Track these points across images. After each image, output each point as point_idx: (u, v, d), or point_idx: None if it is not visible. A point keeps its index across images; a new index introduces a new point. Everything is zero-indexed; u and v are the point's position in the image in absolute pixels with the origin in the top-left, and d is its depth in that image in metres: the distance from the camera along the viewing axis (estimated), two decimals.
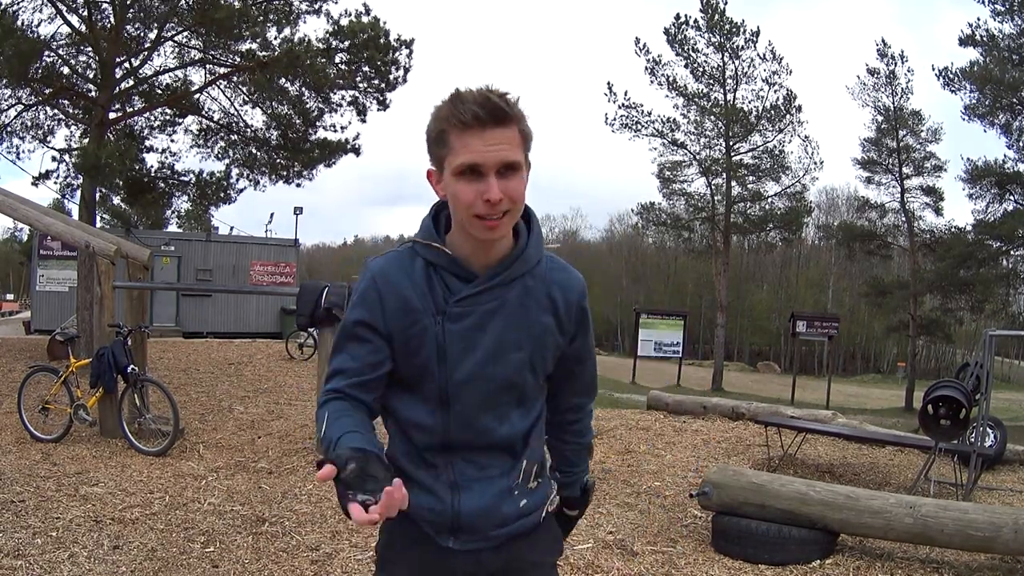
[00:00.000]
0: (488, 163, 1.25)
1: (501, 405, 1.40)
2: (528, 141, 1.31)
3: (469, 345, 1.35)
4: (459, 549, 1.42)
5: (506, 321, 1.36)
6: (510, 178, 1.27)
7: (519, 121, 1.28)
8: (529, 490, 1.46)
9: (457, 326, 1.35)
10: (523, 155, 1.30)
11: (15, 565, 3.52)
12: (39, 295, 19.13)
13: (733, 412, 9.02)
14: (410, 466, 1.42)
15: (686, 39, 23.82)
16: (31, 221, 7.70)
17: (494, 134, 1.25)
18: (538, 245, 1.41)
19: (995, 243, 20.73)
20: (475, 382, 1.36)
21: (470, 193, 1.26)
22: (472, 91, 1.26)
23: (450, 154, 1.27)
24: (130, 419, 6.23)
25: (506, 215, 1.28)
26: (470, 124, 1.24)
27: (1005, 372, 34.14)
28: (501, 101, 1.25)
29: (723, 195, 24.48)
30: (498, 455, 1.42)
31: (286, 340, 14.06)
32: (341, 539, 4.13)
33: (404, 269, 1.37)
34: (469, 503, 1.40)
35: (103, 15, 13.16)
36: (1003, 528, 3.74)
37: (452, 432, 1.39)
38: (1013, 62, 19.20)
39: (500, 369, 1.36)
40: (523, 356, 1.38)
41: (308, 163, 14.88)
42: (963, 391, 5.68)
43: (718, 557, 4.12)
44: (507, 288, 1.36)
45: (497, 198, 1.25)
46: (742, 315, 47.07)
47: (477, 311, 1.35)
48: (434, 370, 1.36)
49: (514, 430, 1.42)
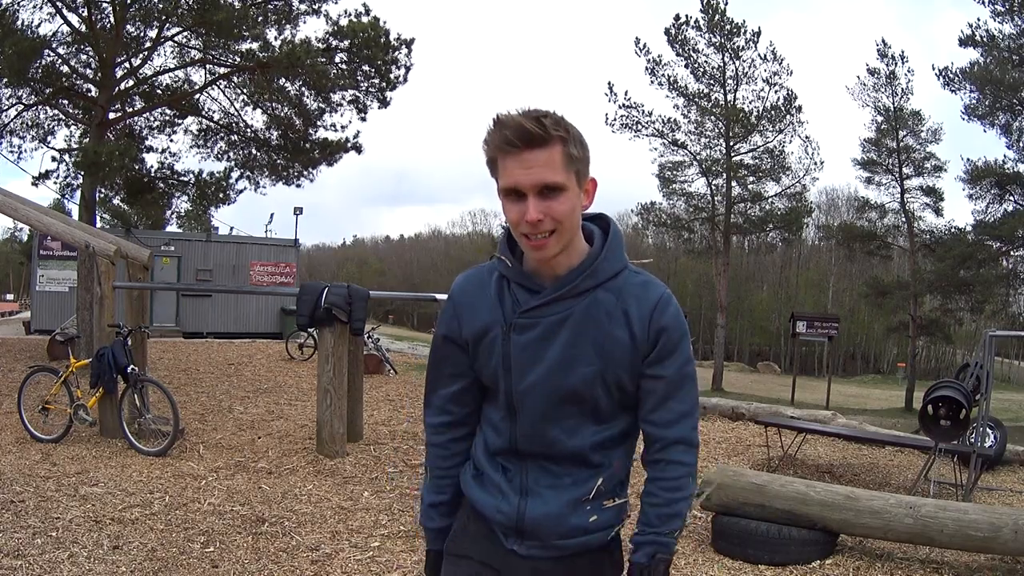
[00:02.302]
0: (525, 185, 1.28)
1: (569, 417, 1.39)
2: (576, 160, 1.31)
3: (534, 356, 1.38)
4: (522, 554, 1.44)
5: (573, 333, 1.36)
6: (552, 198, 1.28)
7: (562, 142, 1.28)
8: (603, 507, 1.44)
9: (522, 337, 1.38)
10: (568, 175, 1.30)
11: (15, 565, 3.52)
12: (39, 295, 19.13)
13: (733, 412, 9.02)
14: (488, 465, 1.48)
15: (686, 39, 23.80)
16: (31, 221, 7.70)
17: (531, 157, 1.27)
18: (614, 258, 1.40)
19: (995, 243, 20.71)
20: (538, 393, 1.38)
21: (514, 214, 1.30)
22: (510, 115, 1.28)
23: (499, 176, 1.32)
24: (130, 419, 6.23)
25: (552, 235, 1.30)
26: (506, 149, 1.28)
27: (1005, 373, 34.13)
28: (534, 124, 1.26)
29: (723, 195, 24.45)
30: (572, 465, 1.42)
31: (286, 340, 14.08)
32: (341, 539, 4.13)
33: (481, 283, 1.45)
34: (535, 508, 1.42)
35: (103, 14, 13.16)
36: (1003, 529, 3.74)
37: (519, 440, 1.43)
38: (1013, 62, 19.19)
39: (565, 381, 1.37)
40: (592, 370, 1.36)
41: (308, 163, 14.90)
42: (963, 392, 5.68)
43: (718, 557, 4.12)
44: (575, 300, 1.36)
45: (535, 219, 1.27)
46: (742, 315, 47.06)
47: (542, 323, 1.37)
48: (502, 379, 1.41)
49: (586, 443, 1.41)
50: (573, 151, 1.30)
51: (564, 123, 1.29)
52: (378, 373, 11.71)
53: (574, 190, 1.31)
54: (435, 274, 57.04)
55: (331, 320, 6.04)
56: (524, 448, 1.43)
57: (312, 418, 7.12)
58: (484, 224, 66.84)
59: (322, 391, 6.12)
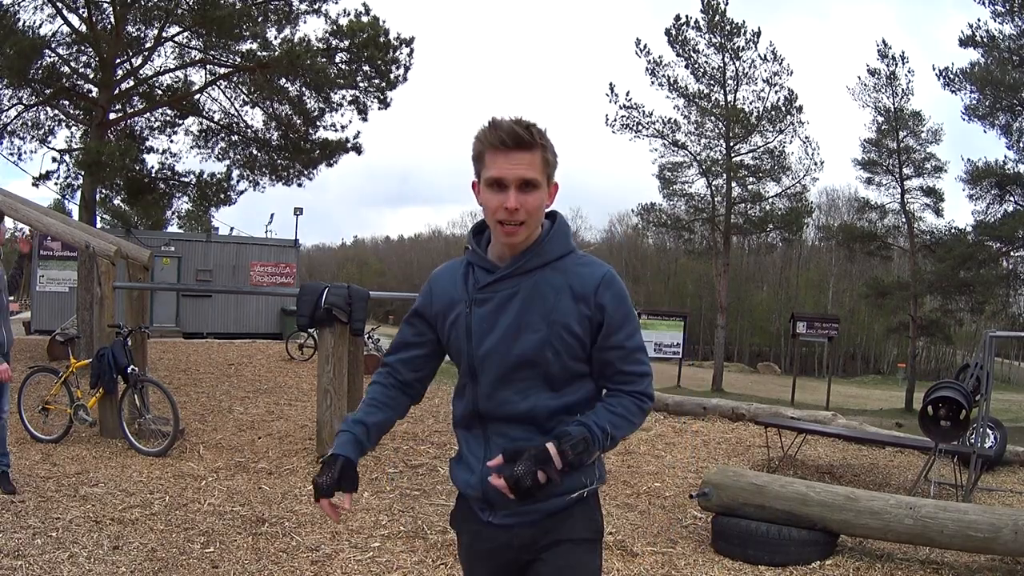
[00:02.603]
0: (509, 178, 1.52)
1: (521, 380, 1.58)
2: (550, 166, 1.57)
3: (490, 325, 1.59)
4: (496, 523, 1.63)
5: (523, 305, 1.57)
6: (528, 193, 1.53)
7: (542, 149, 1.54)
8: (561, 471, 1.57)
9: (481, 309, 1.60)
10: (543, 176, 1.55)
11: (15, 565, 3.52)
12: (39, 295, 19.13)
13: (733, 413, 9.02)
14: (462, 443, 1.71)
15: (687, 40, 23.81)
16: (31, 221, 7.69)
17: (518, 156, 1.51)
18: (559, 242, 1.61)
19: (995, 244, 20.71)
20: (494, 356, 1.59)
21: (495, 202, 1.53)
22: (505, 120, 1.53)
23: (484, 169, 1.55)
24: (130, 419, 6.23)
25: (522, 225, 1.54)
26: (498, 147, 1.52)
27: (1005, 373, 34.12)
28: (525, 131, 1.51)
29: (723, 196, 24.46)
30: (526, 430, 1.58)
31: (286, 341, 14.07)
32: (341, 539, 4.13)
33: (453, 270, 1.70)
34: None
35: (103, 14, 13.16)
36: (1003, 529, 3.74)
37: (480, 402, 1.62)
38: (1013, 63, 19.19)
39: (516, 345, 1.56)
40: (539, 336, 1.55)
41: (308, 163, 14.90)
42: (963, 392, 5.68)
43: (718, 558, 4.12)
44: (523, 277, 1.58)
45: (513, 207, 1.51)
46: (742, 316, 47.05)
47: (496, 296, 1.59)
48: (464, 347, 1.63)
49: (538, 406, 1.58)
50: (549, 158, 1.56)
51: (545, 136, 1.56)
52: None
53: (544, 190, 1.56)
54: None
55: (331, 320, 6.04)
56: (484, 409, 1.62)
57: (312, 418, 7.12)
58: None
59: (322, 391, 6.12)
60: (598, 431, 1.55)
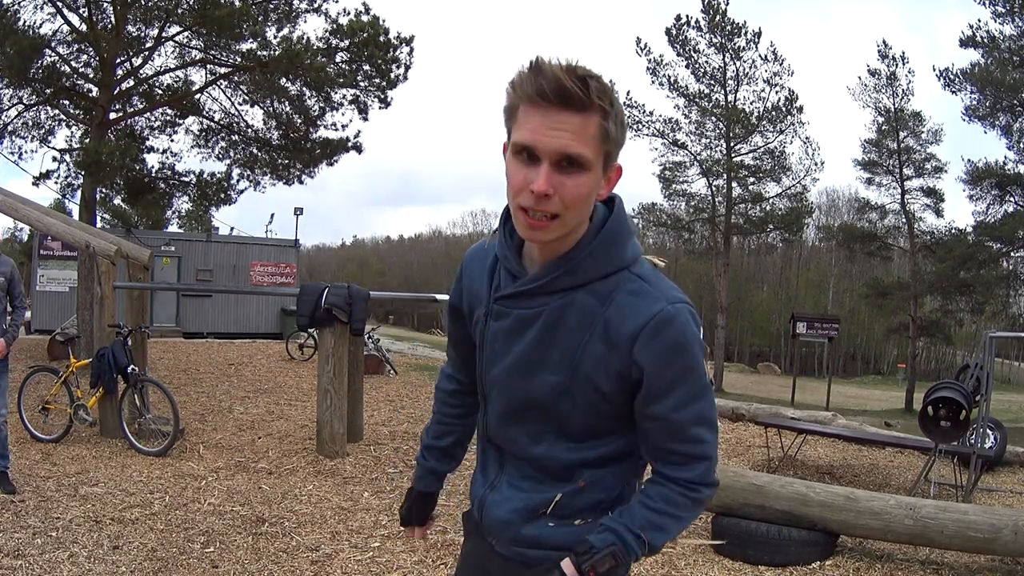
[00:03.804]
0: (543, 148, 1.06)
1: (530, 423, 1.25)
2: (611, 140, 1.10)
3: (503, 348, 1.24)
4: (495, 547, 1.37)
5: (542, 335, 1.19)
6: (569, 174, 1.08)
7: (602, 113, 1.07)
8: (572, 524, 1.28)
9: (497, 324, 1.25)
10: (596, 153, 1.09)
11: (15, 565, 3.52)
12: (39, 295, 19.13)
13: (733, 413, 9.02)
14: (479, 449, 1.42)
15: (687, 40, 23.82)
16: (32, 221, 7.70)
17: (561, 118, 1.06)
18: (605, 256, 1.16)
19: (995, 245, 20.72)
20: (500, 389, 1.27)
21: (520, 178, 1.09)
22: (553, 64, 1.06)
23: (514, 128, 1.11)
24: (130, 419, 6.22)
25: (555, 219, 1.10)
26: (535, 100, 1.06)
27: (1005, 374, 34.12)
28: (577, 82, 1.04)
29: (724, 196, 24.47)
30: (539, 471, 1.28)
31: (286, 341, 14.07)
32: (341, 540, 4.13)
33: (484, 255, 1.31)
34: (492, 505, 1.34)
35: (103, 14, 13.17)
36: (1003, 530, 3.74)
37: (489, 428, 1.34)
38: (1014, 63, 19.20)
39: (525, 385, 1.22)
40: (557, 381, 1.18)
41: (309, 162, 14.91)
42: (963, 393, 5.68)
43: (718, 558, 4.12)
44: (549, 298, 1.18)
45: (542, 191, 1.06)
46: (742, 316, 47.04)
47: (513, 315, 1.22)
48: (480, 358, 1.31)
49: (551, 456, 1.25)
50: (611, 128, 1.09)
51: (611, 94, 1.08)
52: (378, 374, 11.71)
53: (597, 173, 1.11)
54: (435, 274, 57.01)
55: (331, 320, 6.04)
56: (494, 439, 1.34)
57: (312, 418, 7.12)
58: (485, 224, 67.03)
59: (322, 391, 6.12)
60: (632, 539, 1.17)
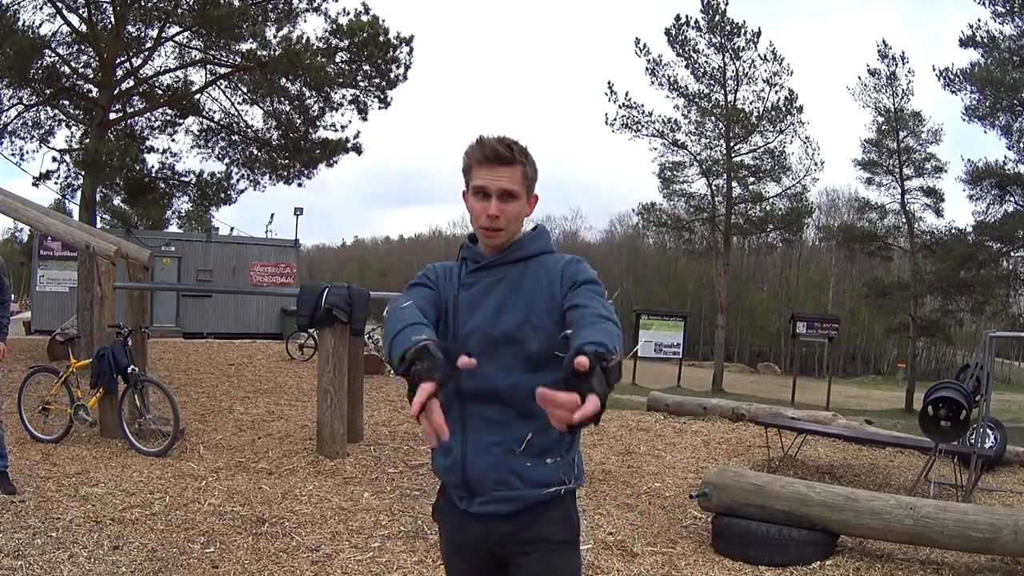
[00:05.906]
0: (492, 187, 1.70)
1: (503, 357, 1.66)
2: (529, 180, 1.75)
3: (476, 306, 1.73)
4: (473, 512, 1.68)
5: (506, 290, 1.72)
6: (508, 202, 1.71)
7: (522, 165, 1.72)
8: (543, 463, 1.66)
9: (467, 292, 1.75)
10: (522, 188, 1.72)
11: (15, 565, 3.52)
12: (39, 295, 19.13)
13: (733, 413, 9.02)
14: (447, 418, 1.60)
15: (687, 40, 23.83)
16: (32, 222, 7.70)
17: (500, 170, 1.70)
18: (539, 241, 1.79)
19: (995, 244, 20.73)
20: (478, 333, 1.69)
21: (479, 208, 1.72)
22: (491, 138, 1.71)
23: (471, 179, 1.73)
24: (130, 420, 6.22)
25: (502, 230, 1.72)
26: (483, 161, 1.70)
27: (1005, 373, 34.11)
28: (506, 149, 1.69)
29: (724, 196, 24.48)
30: (505, 410, 1.65)
31: (286, 341, 14.07)
32: (341, 540, 4.13)
33: (447, 266, 1.85)
34: (472, 454, 1.66)
35: (103, 14, 13.16)
36: (1003, 529, 3.74)
37: (462, 380, 1.61)
38: (1014, 63, 19.20)
39: (498, 324, 1.68)
40: (520, 315, 1.67)
41: (308, 162, 14.89)
42: (963, 392, 5.68)
43: (718, 558, 4.12)
44: (508, 267, 1.75)
45: (495, 214, 1.70)
46: (742, 316, 47.06)
47: (482, 282, 1.75)
48: (450, 325, 1.74)
49: (519, 385, 1.62)
50: (528, 172, 1.74)
51: (526, 152, 1.73)
52: (378, 374, 11.71)
53: (523, 200, 1.75)
54: None
55: (331, 320, 6.04)
56: (466, 387, 1.66)
57: (312, 418, 7.12)
58: None
59: (322, 391, 6.12)
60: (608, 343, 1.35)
